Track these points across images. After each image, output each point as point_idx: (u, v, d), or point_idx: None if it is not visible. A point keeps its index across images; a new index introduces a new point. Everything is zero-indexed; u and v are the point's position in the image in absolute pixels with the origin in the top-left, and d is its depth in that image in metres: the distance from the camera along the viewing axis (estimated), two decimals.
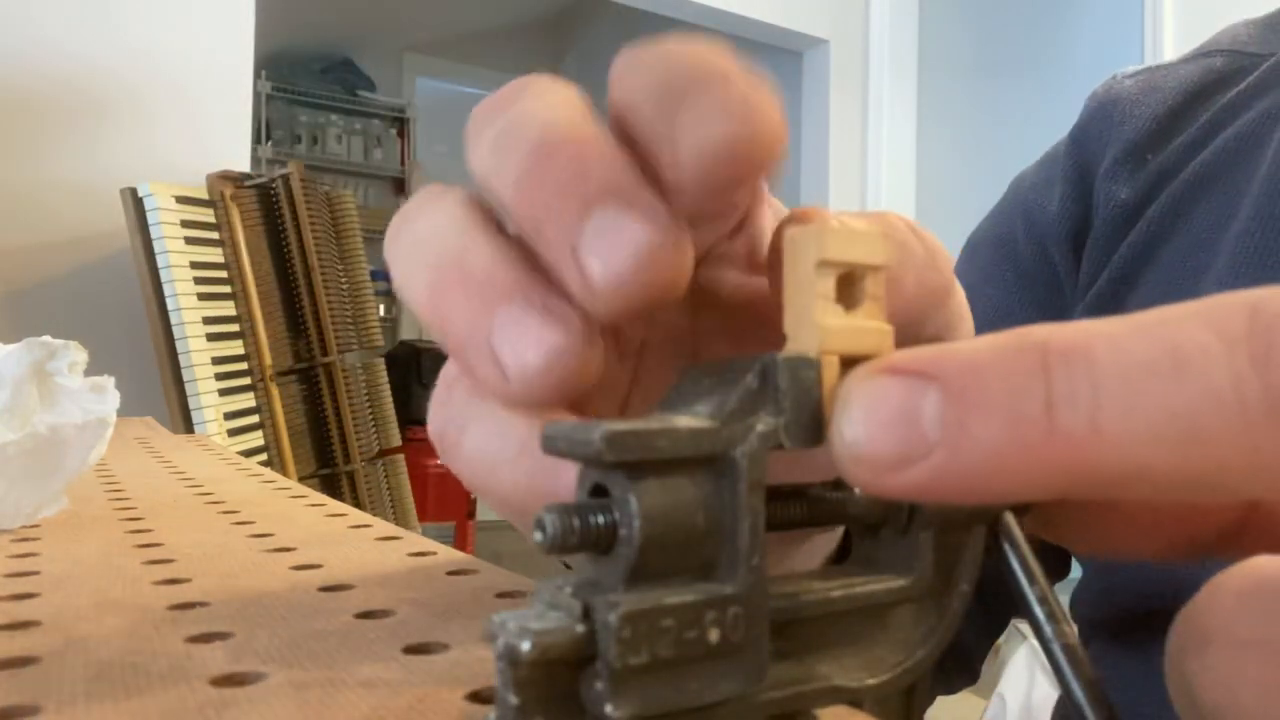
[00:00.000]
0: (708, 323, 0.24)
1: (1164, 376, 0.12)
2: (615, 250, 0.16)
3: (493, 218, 0.19)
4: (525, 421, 0.18)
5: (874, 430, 0.13)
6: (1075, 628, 0.16)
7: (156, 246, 1.82)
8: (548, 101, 0.18)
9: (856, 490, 0.17)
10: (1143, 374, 0.12)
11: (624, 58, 0.19)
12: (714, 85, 0.17)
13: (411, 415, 3.00)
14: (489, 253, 0.18)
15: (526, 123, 0.18)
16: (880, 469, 0.13)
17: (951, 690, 0.50)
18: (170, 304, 1.82)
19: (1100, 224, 0.47)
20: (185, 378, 1.82)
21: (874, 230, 0.16)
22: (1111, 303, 0.45)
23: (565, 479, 0.17)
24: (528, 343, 0.17)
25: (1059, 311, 0.48)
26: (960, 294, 0.24)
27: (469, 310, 0.18)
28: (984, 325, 0.57)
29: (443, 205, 0.20)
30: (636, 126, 0.18)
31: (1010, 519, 0.16)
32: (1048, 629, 0.15)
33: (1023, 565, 0.16)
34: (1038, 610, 0.16)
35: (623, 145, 0.18)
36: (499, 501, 0.19)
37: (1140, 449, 0.12)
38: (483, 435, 0.19)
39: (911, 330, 0.21)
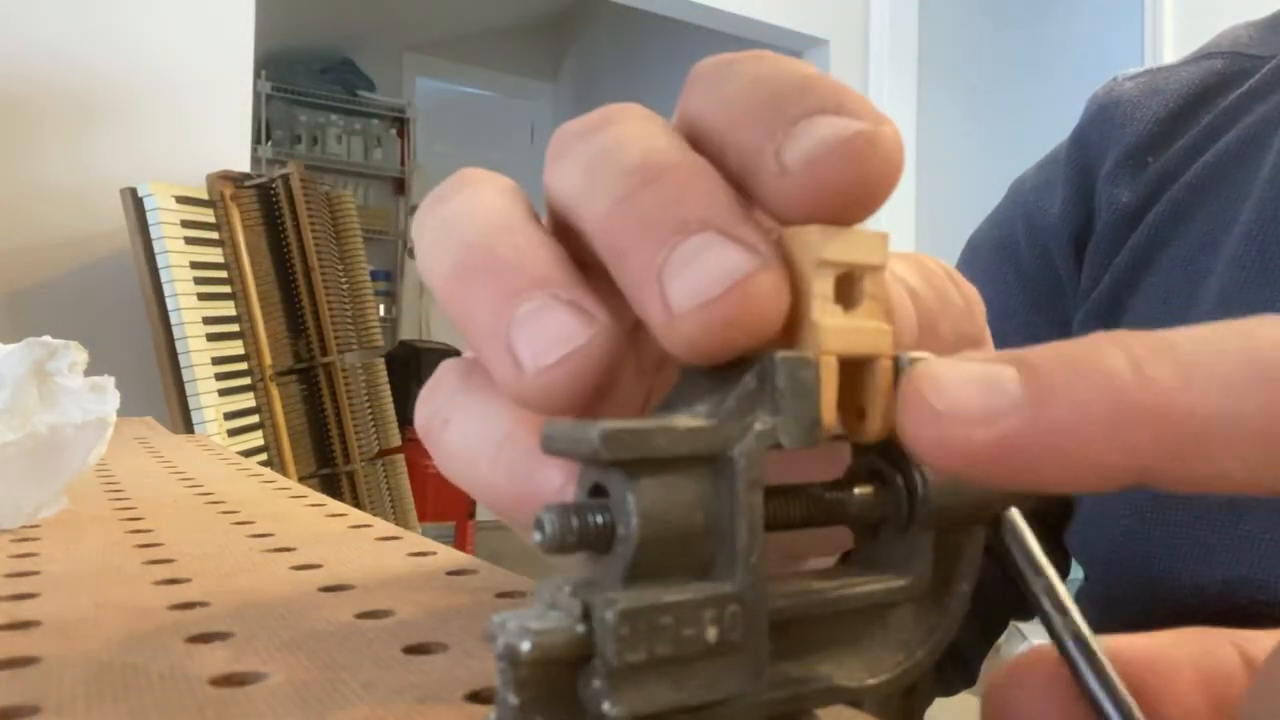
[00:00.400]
0: None
1: (1233, 337, 0.13)
2: (705, 275, 0.15)
3: (532, 211, 0.19)
4: (509, 416, 0.18)
5: (958, 388, 0.13)
6: (1082, 616, 0.16)
7: (156, 247, 1.82)
8: (644, 128, 0.18)
9: (856, 491, 0.17)
10: (1213, 338, 0.13)
11: (703, 69, 0.18)
12: (824, 86, 0.16)
13: (411, 415, 2.99)
14: (521, 241, 0.17)
15: (624, 146, 0.17)
16: (966, 423, 0.13)
17: (950, 692, 0.50)
18: (170, 304, 1.82)
19: (1102, 227, 0.47)
20: (185, 378, 1.82)
21: (873, 230, 0.16)
22: (1114, 306, 0.45)
23: (543, 478, 0.17)
24: (547, 338, 0.16)
25: (1061, 314, 0.48)
26: (990, 345, 0.24)
27: (491, 298, 0.16)
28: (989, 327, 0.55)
29: (481, 190, 0.19)
30: (728, 135, 0.17)
31: (1015, 512, 0.16)
32: (1057, 620, 0.15)
33: (1027, 559, 0.16)
34: (1045, 603, 0.16)
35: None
36: (479, 496, 0.19)
37: (1226, 398, 0.12)
38: (465, 427, 0.18)
39: None
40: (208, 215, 1.93)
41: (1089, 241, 0.47)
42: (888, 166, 0.15)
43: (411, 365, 3.25)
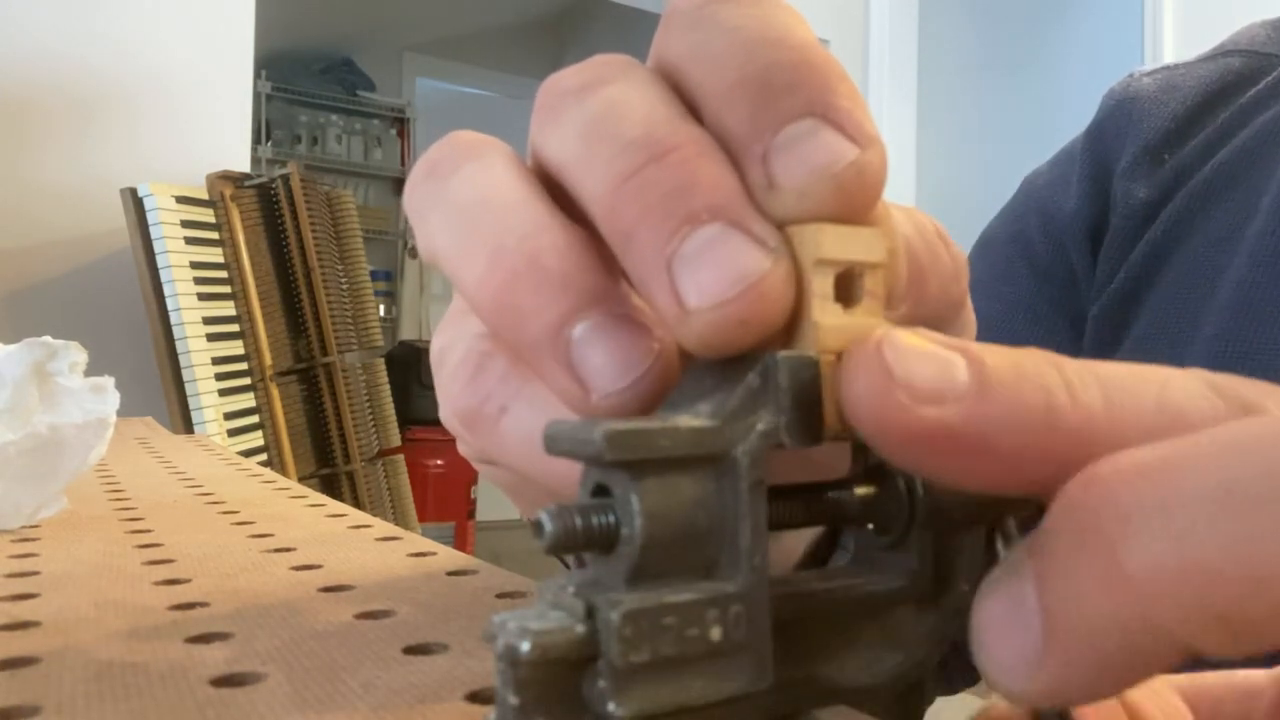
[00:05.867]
0: None
1: (1150, 383, 0.14)
2: (719, 274, 0.15)
3: (544, 187, 0.18)
4: None
5: (914, 360, 0.13)
6: None
7: (156, 246, 1.82)
8: (639, 89, 0.17)
9: (856, 491, 0.17)
10: (1131, 380, 0.14)
11: (680, 7, 0.17)
12: (814, 75, 0.16)
13: (411, 415, 3.00)
14: (561, 244, 0.16)
15: (623, 114, 0.16)
16: (916, 396, 0.13)
17: (953, 690, 0.50)
18: (170, 304, 1.82)
19: (1118, 222, 0.47)
20: (185, 378, 1.82)
21: (872, 228, 0.16)
22: (1129, 301, 0.45)
23: None
24: (614, 361, 0.16)
25: (1076, 309, 0.48)
26: (970, 310, 0.24)
27: (544, 313, 0.16)
28: (1001, 321, 0.56)
29: (490, 168, 0.18)
30: (713, 105, 0.16)
31: (1012, 522, 0.16)
32: None
33: None
34: None
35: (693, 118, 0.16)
36: (546, 487, 0.18)
37: (1138, 429, 0.13)
38: (534, 416, 0.18)
39: None
40: (208, 215, 1.93)
41: (1104, 236, 0.47)
42: (873, 194, 0.15)
43: (411, 365, 3.25)
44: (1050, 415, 0.13)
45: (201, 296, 1.87)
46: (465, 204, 0.18)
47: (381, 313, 3.11)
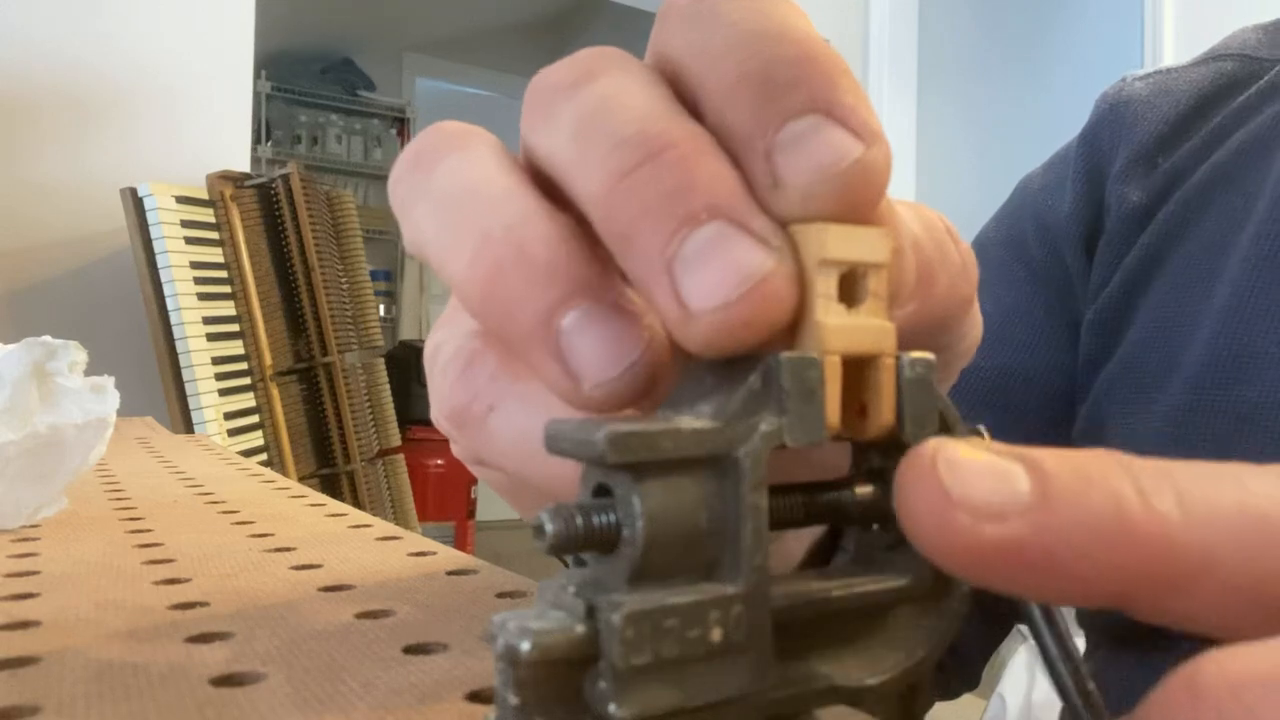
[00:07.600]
0: None
1: (1230, 482, 0.13)
2: (722, 276, 0.14)
3: (530, 175, 0.18)
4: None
5: (971, 476, 0.12)
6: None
7: (156, 246, 1.82)
8: (631, 84, 0.17)
9: (856, 491, 0.17)
10: (1212, 479, 0.13)
11: (677, 3, 0.17)
12: (816, 71, 0.15)
13: (411, 415, 3.00)
14: (550, 235, 0.16)
15: (615, 110, 0.16)
16: (978, 515, 0.12)
17: (952, 694, 0.50)
18: (170, 304, 1.82)
19: (1112, 226, 0.47)
20: (185, 378, 1.82)
21: (876, 227, 0.16)
22: (1125, 305, 0.45)
23: None
24: (604, 351, 0.15)
25: (1071, 312, 0.48)
26: (977, 309, 0.23)
27: (532, 303, 0.16)
28: (997, 325, 0.56)
29: (475, 158, 0.18)
30: (714, 101, 0.16)
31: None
32: (1046, 634, 0.15)
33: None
34: (1036, 614, 0.16)
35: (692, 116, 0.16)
36: (537, 487, 0.18)
37: (1220, 536, 0.12)
38: (521, 418, 0.18)
39: (930, 333, 0.21)
40: (208, 215, 1.93)
41: (1099, 240, 0.47)
42: (878, 192, 0.15)
43: (411, 365, 3.25)
44: (1121, 524, 0.12)
45: (201, 296, 1.87)
46: (451, 194, 0.18)
47: (381, 313, 3.12)
